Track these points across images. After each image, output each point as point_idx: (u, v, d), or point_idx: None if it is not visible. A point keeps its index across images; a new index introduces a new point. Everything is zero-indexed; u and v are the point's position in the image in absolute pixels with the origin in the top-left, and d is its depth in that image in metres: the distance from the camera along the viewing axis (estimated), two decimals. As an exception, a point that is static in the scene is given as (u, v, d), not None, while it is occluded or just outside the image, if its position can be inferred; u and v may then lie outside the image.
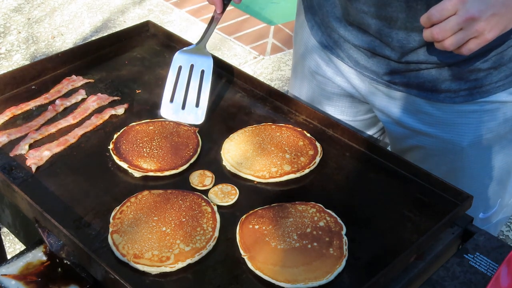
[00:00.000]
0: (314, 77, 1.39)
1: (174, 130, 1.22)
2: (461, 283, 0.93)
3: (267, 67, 3.20)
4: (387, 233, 1.03)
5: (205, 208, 1.05)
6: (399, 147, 1.36)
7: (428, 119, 1.25)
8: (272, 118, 1.28)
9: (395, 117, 1.29)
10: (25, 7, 3.71)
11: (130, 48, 1.50)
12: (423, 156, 1.31)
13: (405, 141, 1.32)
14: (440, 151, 1.28)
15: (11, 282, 0.97)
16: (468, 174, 1.28)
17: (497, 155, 1.27)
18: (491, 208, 1.34)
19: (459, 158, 1.27)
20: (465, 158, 1.26)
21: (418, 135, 1.28)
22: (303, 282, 0.93)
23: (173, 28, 3.46)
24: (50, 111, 1.27)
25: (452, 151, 1.26)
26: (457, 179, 1.25)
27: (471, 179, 1.28)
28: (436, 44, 1.00)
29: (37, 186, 1.10)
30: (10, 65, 3.21)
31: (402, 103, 1.27)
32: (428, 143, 1.28)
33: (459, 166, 1.28)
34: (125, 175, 1.14)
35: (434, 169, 1.13)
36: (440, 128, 1.25)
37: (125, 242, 0.98)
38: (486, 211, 1.34)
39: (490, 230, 1.34)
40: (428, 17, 0.98)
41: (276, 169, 1.14)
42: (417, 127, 1.27)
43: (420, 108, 1.25)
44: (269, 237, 0.99)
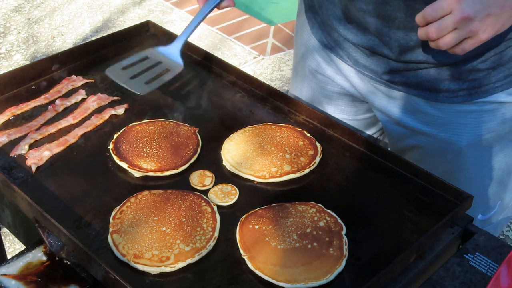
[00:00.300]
0: (314, 76, 1.39)
1: (174, 130, 1.22)
2: (461, 283, 0.93)
3: (267, 67, 3.20)
4: (387, 233, 1.03)
5: (205, 208, 1.05)
6: (398, 147, 1.36)
7: (427, 118, 1.25)
8: (272, 118, 1.28)
9: (394, 117, 1.30)
10: (25, 7, 3.71)
11: (130, 48, 1.50)
12: (422, 155, 1.31)
13: (404, 141, 1.32)
14: (438, 151, 1.28)
15: (11, 282, 0.97)
16: (466, 174, 1.28)
17: (496, 155, 1.27)
18: (491, 209, 1.34)
19: (457, 158, 1.27)
20: (463, 158, 1.26)
21: (417, 134, 1.28)
22: (303, 282, 0.93)
23: (173, 28, 3.46)
24: (50, 111, 1.27)
25: (451, 151, 1.26)
26: (456, 179, 1.25)
27: (470, 179, 1.28)
28: (430, 43, 1.00)
29: (37, 186, 1.10)
30: (10, 65, 3.21)
31: (401, 102, 1.27)
32: (426, 142, 1.28)
33: (458, 166, 1.28)
34: (125, 175, 1.14)
35: (433, 169, 1.13)
36: (439, 127, 1.25)
37: (125, 242, 0.98)
38: (485, 213, 1.33)
39: (490, 232, 1.33)
40: (423, 16, 0.98)
41: (276, 169, 1.14)
42: (416, 127, 1.27)
43: (419, 107, 1.25)
44: (269, 237, 0.99)
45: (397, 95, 1.26)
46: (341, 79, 1.35)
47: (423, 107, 1.24)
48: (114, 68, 1.19)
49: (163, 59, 1.20)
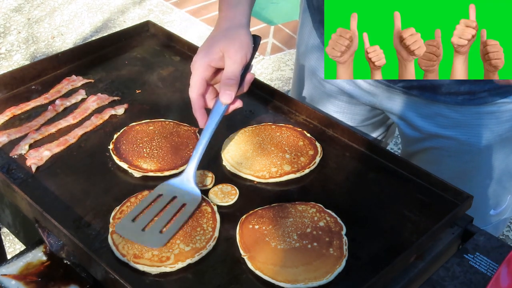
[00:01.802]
0: (314, 76, 1.39)
1: (174, 130, 1.22)
2: (461, 283, 0.93)
3: (267, 67, 3.20)
4: (387, 233, 1.03)
5: (205, 208, 1.05)
6: (412, 149, 1.35)
7: (445, 121, 1.23)
8: (272, 118, 1.28)
9: (411, 121, 1.28)
10: (25, 7, 3.71)
11: (130, 48, 1.50)
12: (437, 156, 1.29)
13: (419, 143, 1.31)
14: (455, 152, 1.26)
15: (11, 282, 0.97)
16: (482, 173, 1.27)
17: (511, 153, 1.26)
18: (502, 204, 1.34)
19: (475, 159, 1.25)
20: (481, 159, 1.25)
21: (434, 137, 1.27)
22: (303, 282, 0.93)
23: (173, 28, 3.46)
24: (50, 111, 1.27)
25: (468, 152, 1.25)
26: (471, 177, 1.24)
27: (485, 177, 1.27)
28: None
29: (37, 186, 1.10)
30: (10, 65, 3.21)
31: (417, 106, 1.25)
32: (443, 144, 1.26)
33: (474, 166, 1.27)
34: (125, 175, 1.14)
35: (448, 170, 1.11)
36: (457, 129, 1.23)
37: (125, 242, 0.98)
38: (496, 208, 1.34)
39: (499, 226, 1.33)
40: None
41: (276, 169, 1.14)
42: (433, 130, 1.26)
43: (437, 110, 1.23)
44: (269, 237, 0.99)
45: (412, 99, 1.25)
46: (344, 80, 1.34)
47: (441, 110, 1.22)
48: (124, 224, 1.01)
49: (177, 192, 1.06)
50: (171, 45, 1.51)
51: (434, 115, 1.24)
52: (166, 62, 1.46)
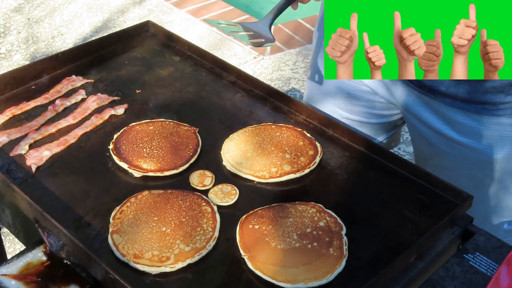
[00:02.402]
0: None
1: (174, 130, 1.22)
2: (461, 283, 0.93)
3: (267, 67, 3.20)
4: (387, 233, 1.03)
5: (205, 208, 1.05)
6: (427, 153, 1.33)
7: (463, 129, 1.22)
8: (272, 118, 1.28)
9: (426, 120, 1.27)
10: (25, 7, 3.71)
11: (130, 48, 1.50)
12: (452, 163, 1.28)
13: (435, 148, 1.29)
14: (471, 160, 1.25)
15: (11, 282, 0.97)
16: (497, 183, 1.26)
17: None
18: None
19: (491, 168, 1.24)
20: (497, 169, 1.24)
21: (450, 143, 1.25)
22: (303, 282, 0.93)
23: (173, 28, 3.46)
24: (50, 111, 1.27)
25: (485, 161, 1.23)
26: (484, 186, 1.22)
27: (500, 188, 1.26)
28: None
29: (37, 186, 1.10)
30: (10, 65, 3.21)
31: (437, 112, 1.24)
32: (459, 152, 1.25)
33: (490, 175, 1.25)
34: (125, 175, 1.14)
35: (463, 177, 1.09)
36: (475, 138, 1.22)
37: (125, 242, 0.98)
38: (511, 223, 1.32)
39: None
40: None
41: (276, 169, 1.14)
42: (450, 135, 1.24)
43: (455, 118, 1.22)
44: (269, 237, 0.99)
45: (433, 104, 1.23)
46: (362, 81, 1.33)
47: (459, 117, 1.21)
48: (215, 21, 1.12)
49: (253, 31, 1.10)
50: (171, 45, 1.51)
51: (451, 120, 1.23)
52: (166, 62, 1.46)
